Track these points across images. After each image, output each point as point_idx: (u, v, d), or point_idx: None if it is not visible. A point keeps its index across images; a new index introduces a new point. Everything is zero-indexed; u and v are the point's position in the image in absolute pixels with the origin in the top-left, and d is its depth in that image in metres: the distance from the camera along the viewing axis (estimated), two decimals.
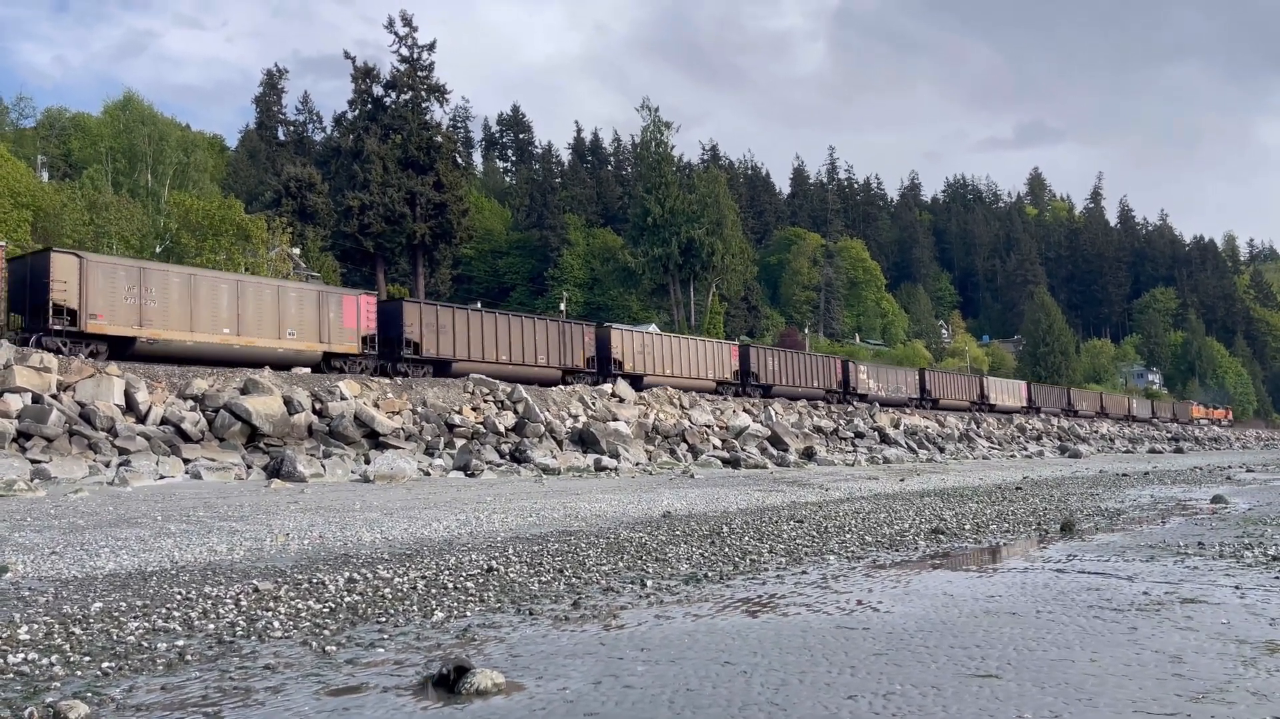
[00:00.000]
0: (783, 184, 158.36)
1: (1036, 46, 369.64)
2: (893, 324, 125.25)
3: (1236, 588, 7.38)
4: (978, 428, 54.36)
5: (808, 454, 34.26)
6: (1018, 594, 7.24)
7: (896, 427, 46.30)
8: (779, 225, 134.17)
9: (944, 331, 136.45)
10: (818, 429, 40.56)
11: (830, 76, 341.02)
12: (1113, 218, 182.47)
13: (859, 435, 42.05)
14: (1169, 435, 78.52)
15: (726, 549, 10.06)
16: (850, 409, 47.54)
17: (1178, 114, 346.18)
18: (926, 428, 48.63)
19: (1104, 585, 7.55)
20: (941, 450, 43.81)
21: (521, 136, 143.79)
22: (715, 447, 33.03)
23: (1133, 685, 4.50)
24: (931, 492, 20.41)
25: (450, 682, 4.66)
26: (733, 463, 29.50)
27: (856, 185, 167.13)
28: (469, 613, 6.69)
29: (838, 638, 5.71)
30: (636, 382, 37.27)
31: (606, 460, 26.16)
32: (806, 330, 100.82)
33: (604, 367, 36.85)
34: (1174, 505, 16.75)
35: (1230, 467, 35.13)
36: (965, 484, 23.39)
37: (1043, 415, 68.42)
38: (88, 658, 5.32)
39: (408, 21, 66.78)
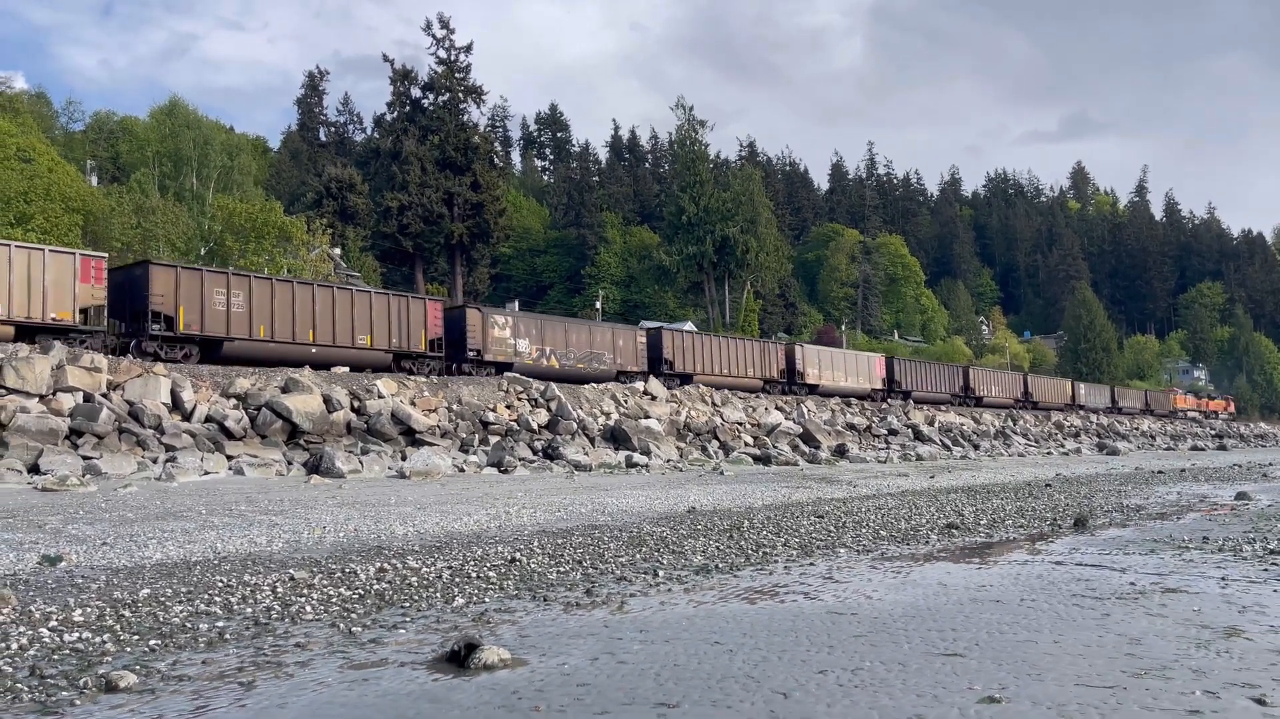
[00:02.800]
0: (821, 180, 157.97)
1: (1076, 40, 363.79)
2: (932, 320, 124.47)
3: (1223, 579, 7.65)
4: (1014, 425, 54.14)
5: (840, 451, 34.48)
6: (1009, 584, 7.58)
7: (931, 424, 46.31)
8: (817, 222, 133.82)
9: (984, 328, 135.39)
10: (850, 426, 40.74)
11: (867, 72, 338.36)
12: (1158, 211, 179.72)
13: (892, 433, 42.15)
14: (1213, 433, 77.51)
15: (742, 543, 10.42)
16: (884, 406, 47.62)
17: (1224, 105, 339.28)
18: (962, 425, 48.57)
19: (1094, 577, 7.86)
20: (976, 448, 43.78)
21: (559, 135, 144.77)
22: (747, 444, 33.36)
23: (1084, 663, 4.86)
24: (959, 488, 20.55)
25: (461, 658, 5.12)
26: (764, 460, 29.82)
27: (896, 181, 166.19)
28: (487, 599, 7.14)
29: (825, 622, 6.11)
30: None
31: (638, 457, 26.60)
32: (844, 327, 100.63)
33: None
34: (1196, 501, 16.87)
35: (1271, 464, 34.80)
36: (995, 481, 23.52)
37: (1082, 413, 67.91)
38: (136, 636, 5.84)
39: (445, 24, 67.85)
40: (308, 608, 6.75)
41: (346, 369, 27.61)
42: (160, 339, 25.04)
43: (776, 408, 39.09)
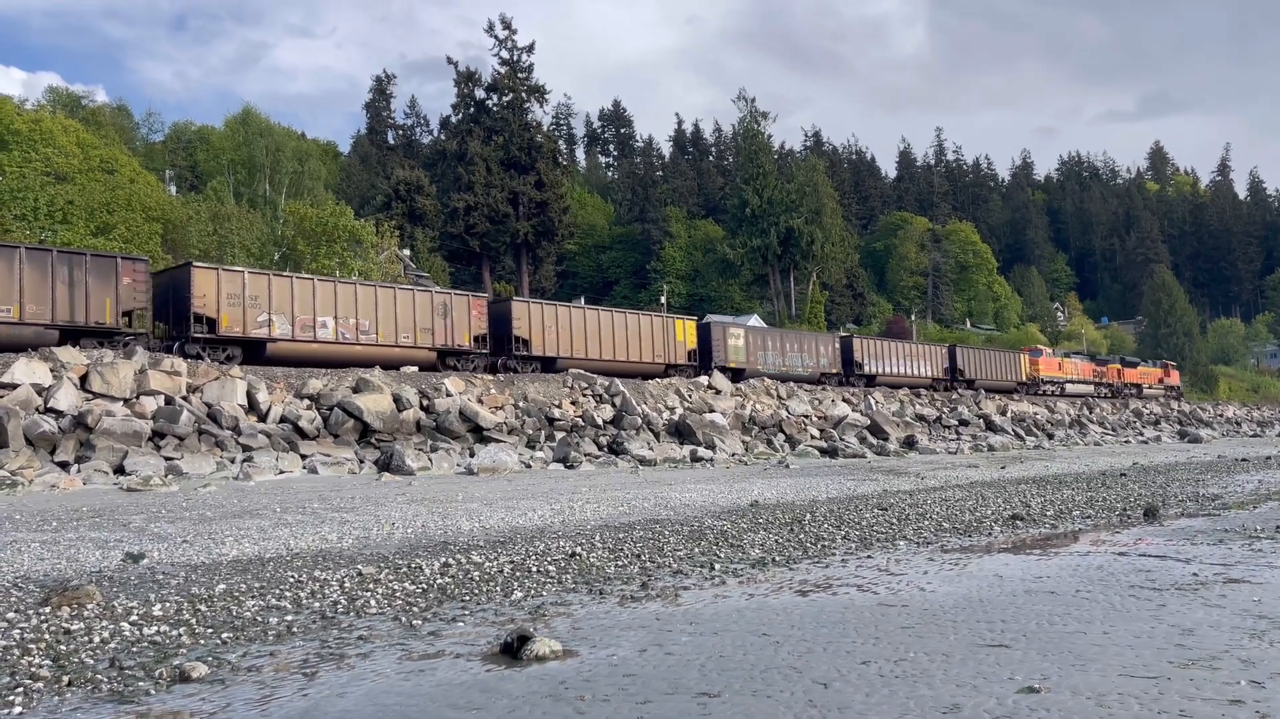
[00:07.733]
0: (888, 168, 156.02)
1: (1151, 17, 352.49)
2: (1005, 308, 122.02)
3: None
4: (1090, 413, 52.96)
5: (909, 443, 34.10)
6: (1067, 576, 7.50)
7: (1003, 414, 45.52)
8: (885, 210, 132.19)
9: (1060, 314, 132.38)
10: (920, 417, 40.24)
11: (932, 59, 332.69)
12: (1242, 190, 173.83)
13: (963, 423, 41.52)
14: None
15: (801, 536, 10.44)
16: (954, 396, 46.99)
17: None
18: (1035, 414, 47.65)
19: (1156, 567, 7.75)
20: (1050, 437, 42.91)
21: (622, 131, 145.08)
22: (813, 436, 33.18)
23: (1131, 654, 4.84)
24: (1030, 479, 20.22)
25: (514, 649, 5.28)
26: (830, 452, 29.64)
27: (965, 167, 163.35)
28: (545, 593, 7.31)
29: (874, 614, 6.14)
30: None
31: (702, 451, 26.65)
32: (914, 317, 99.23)
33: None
34: (1277, 490, 16.39)
35: None
36: (1068, 471, 23.08)
37: (1162, 400, 66.34)
38: (210, 630, 6.13)
39: (507, 25, 68.48)
40: (372, 602, 6.99)
41: (416, 369, 28.19)
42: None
43: (844, 400, 38.80)
